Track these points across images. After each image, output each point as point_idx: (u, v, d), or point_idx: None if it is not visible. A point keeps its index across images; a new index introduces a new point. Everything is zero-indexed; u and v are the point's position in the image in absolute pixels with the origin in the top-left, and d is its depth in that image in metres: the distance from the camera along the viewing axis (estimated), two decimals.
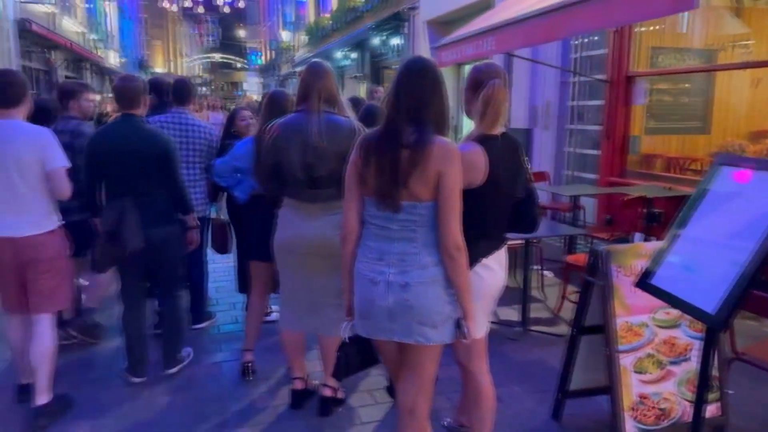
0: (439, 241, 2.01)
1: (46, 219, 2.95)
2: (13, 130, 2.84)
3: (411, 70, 2.06)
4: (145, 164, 3.18)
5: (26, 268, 2.91)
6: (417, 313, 2.02)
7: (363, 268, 2.11)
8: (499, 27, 4.58)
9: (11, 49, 10.89)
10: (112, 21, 25.13)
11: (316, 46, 21.17)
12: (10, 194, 2.83)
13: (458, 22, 11.12)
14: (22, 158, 2.81)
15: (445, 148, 2.00)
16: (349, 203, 2.13)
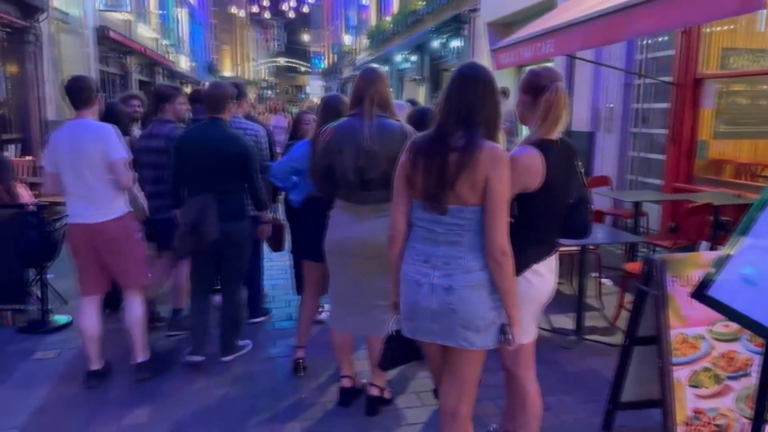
0: (485, 245, 2.01)
1: (112, 207, 3.28)
2: (82, 128, 3.20)
3: (463, 75, 2.07)
4: (226, 164, 3.45)
5: (101, 251, 3.28)
6: (460, 316, 2.03)
7: (409, 270, 2.13)
8: (557, 29, 4.50)
9: (90, 54, 11.58)
10: (183, 27, 26.23)
11: (377, 49, 21.37)
12: (81, 185, 3.19)
13: (519, 23, 10.97)
14: (88, 152, 3.15)
15: (494, 152, 2.00)
16: (397, 205, 2.16)
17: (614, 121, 7.51)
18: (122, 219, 3.32)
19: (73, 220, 3.29)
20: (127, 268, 3.38)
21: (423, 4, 15.33)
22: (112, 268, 3.36)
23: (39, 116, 9.54)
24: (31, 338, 4.13)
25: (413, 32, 16.37)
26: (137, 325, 3.46)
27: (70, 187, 3.23)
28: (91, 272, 3.36)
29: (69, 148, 3.16)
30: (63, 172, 3.20)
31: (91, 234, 3.25)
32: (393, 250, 2.19)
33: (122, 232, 3.32)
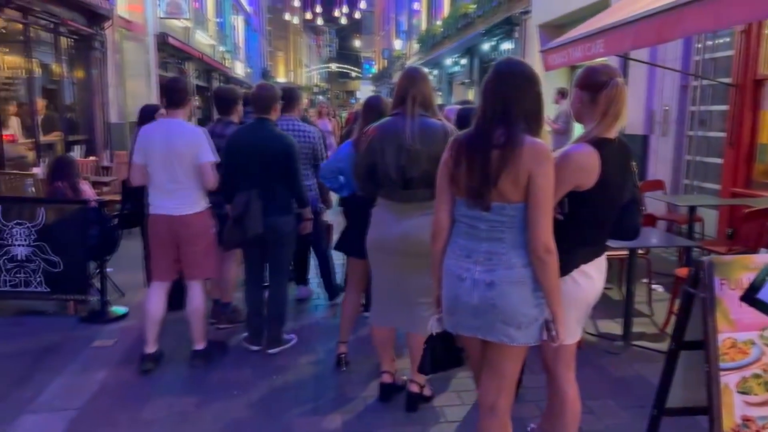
0: (529, 242, 2.00)
1: (195, 203, 3.55)
2: (176, 128, 3.46)
3: (500, 71, 2.07)
4: (272, 162, 3.62)
5: (179, 242, 3.56)
6: (500, 312, 2.03)
7: (451, 265, 2.15)
8: (607, 29, 4.42)
9: (151, 60, 12.10)
10: (239, 33, 27.00)
11: (427, 53, 21.39)
12: (170, 180, 3.46)
13: (571, 24, 10.75)
14: (180, 151, 3.41)
15: (536, 148, 1.98)
16: (440, 202, 2.18)
17: (669, 123, 7.29)
18: (202, 214, 3.59)
19: (155, 211, 3.55)
20: (198, 259, 3.61)
21: (474, 8, 15.26)
22: (184, 258, 3.60)
23: (103, 119, 10.06)
24: (91, 327, 4.36)
25: (463, 35, 16.32)
26: (198, 314, 3.68)
27: (156, 180, 3.49)
28: (165, 260, 3.62)
29: (161, 145, 3.42)
30: (152, 166, 3.47)
31: (171, 224, 3.51)
32: (436, 246, 2.20)
33: (200, 226, 3.58)
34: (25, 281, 4.49)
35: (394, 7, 31.59)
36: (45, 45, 8.78)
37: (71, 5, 8.67)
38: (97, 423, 3.04)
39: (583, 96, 2.29)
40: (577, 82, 2.34)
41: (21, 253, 4.46)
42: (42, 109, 8.64)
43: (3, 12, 7.13)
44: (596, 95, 2.22)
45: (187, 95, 3.57)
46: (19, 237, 4.46)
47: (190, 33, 15.81)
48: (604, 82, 2.21)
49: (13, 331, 4.30)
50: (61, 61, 9.05)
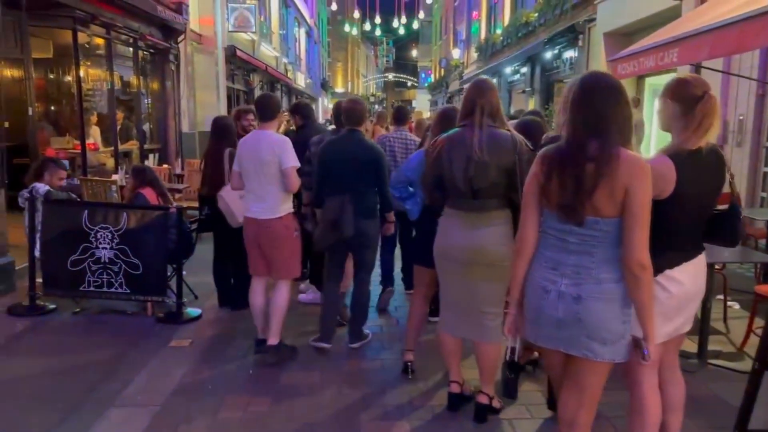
0: (622, 257, 1.98)
1: (279, 207, 3.82)
2: (264, 138, 3.80)
3: (588, 84, 2.05)
4: (362, 169, 3.89)
5: (264, 243, 3.86)
6: (586, 327, 2.02)
7: (536, 276, 2.14)
8: (682, 38, 4.30)
9: (220, 72, 12.59)
10: (301, 45, 27.67)
11: (486, 62, 21.27)
12: (258, 187, 3.80)
13: (639, 33, 10.49)
14: (266, 159, 3.73)
15: (633, 162, 1.96)
16: (527, 216, 2.16)
17: (745, 134, 6.99)
18: (285, 218, 3.85)
19: (247, 214, 3.90)
20: (283, 260, 3.90)
21: (536, 16, 15.10)
22: (270, 258, 3.90)
23: (176, 129, 10.54)
24: (167, 327, 4.58)
25: (524, 44, 16.16)
26: (280, 311, 3.91)
27: (249, 186, 3.85)
28: (258, 258, 3.95)
29: (252, 154, 3.77)
30: (245, 173, 3.83)
31: (257, 228, 3.83)
32: (521, 260, 2.18)
33: (283, 229, 3.85)
34: (107, 282, 4.76)
35: (452, 16, 31.59)
36: (124, 58, 9.31)
37: (149, 20, 9.17)
38: (178, 420, 3.19)
39: (675, 108, 2.29)
40: (669, 94, 2.33)
41: (105, 255, 4.74)
42: (120, 119, 9.15)
43: (89, 28, 7.62)
44: (690, 108, 2.22)
45: (276, 110, 3.92)
46: (103, 240, 4.74)
47: (256, 45, 16.34)
48: (698, 96, 2.21)
49: (97, 328, 4.59)
50: (138, 74, 9.57)
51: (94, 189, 6.77)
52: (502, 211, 2.98)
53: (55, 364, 3.92)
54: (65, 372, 3.80)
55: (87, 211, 4.78)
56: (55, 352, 4.10)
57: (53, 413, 3.26)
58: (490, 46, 20.63)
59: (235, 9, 12.99)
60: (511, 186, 2.91)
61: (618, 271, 2.01)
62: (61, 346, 4.21)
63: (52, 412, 3.27)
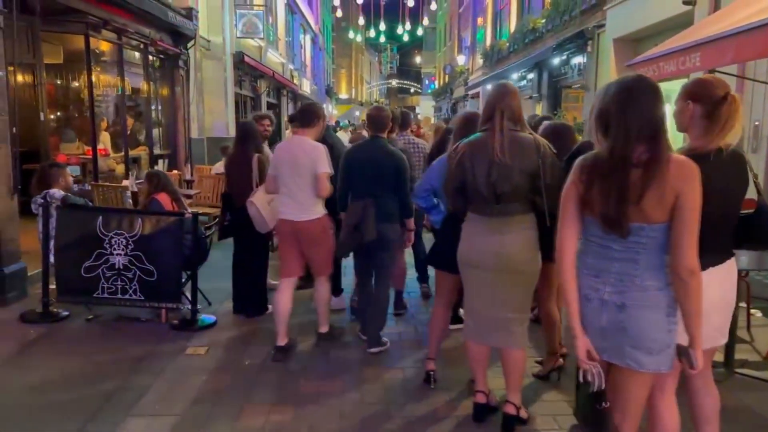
0: (671, 263, 1.93)
1: (313, 210, 4.00)
2: (301, 144, 3.97)
3: (634, 87, 1.98)
4: (385, 175, 4.00)
5: (301, 243, 4.05)
6: (631, 336, 1.96)
7: (580, 284, 2.07)
8: (705, 42, 4.25)
9: (228, 78, 12.58)
10: (307, 52, 27.72)
11: (492, 68, 21.25)
12: (295, 190, 3.96)
13: (650, 38, 10.46)
14: (302, 164, 3.90)
15: (683, 165, 1.91)
16: (566, 227, 2.08)
17: (761, 139, 6.92)
18: (320, 220, 4.04)
19: (283, 216, 4.06)
20: (320, 258, 4.11)
21: (543, 22, 15.08)
22: (308, 257, 4.12)
23: (185, 134, 10.52)
24: (182, 335, 4.52)
25: (531, 50, 16.13)
26: (323, 303, 4.23)
27: (284, 189, 4.01)
28: (291, 258, 4.11)
29: (289, 159, 3.94)
30: (281, 177, 3.99)
31: (293, 228, 4.00)
32: (566, 272, 2.08)
33: (320, 230, 4.04)
34: (122, 289, 4.71)
35: (457, 23, 31.64)
36: (134, 64, 9.30)
37: (160, 26, 9.16)
38: (198, 429, 3.13)
39: (696, 109, 2.24)
40: (690, 95, 2.28)
41: (119, 261, 4.68)
42: (130, 125, 9.13)
43: (101, 33, 7.61)
44: (714, 109, 2.18)
45: (316, 117, 4.08)
46: (117, 246, 4.69)
47: (263, 52, 16.36)
48: (721, 97, 2.17)
49: (112, 335, 4.53)
50: (148, 79, 9.57)
51: (106, 194, 6.74)
52: (526, 216, 2.94)
53: (70, 372, 3.86)
54: (81, 380, 3.74)
55: (101, 217, 4.73)
56: (70, 360, 4.04)
57: (70, 423, 3.20)
58: (495, 52, 20.61)
59: (244, 15, 13.01)
60: (534, 189, 2.87)
61: (663, 278, 1.96)
62: (76, 354, 4.15)
63: (69, 423, 3.21)
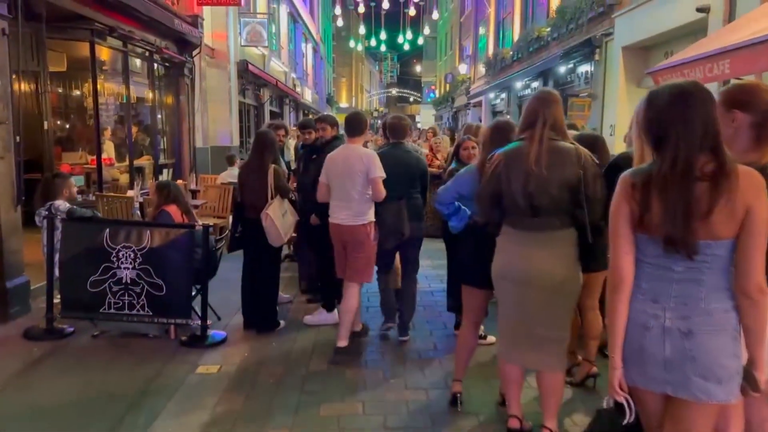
0: (737, 281, 1.78)
1: (364, 215, 4.14)
2: (353, 152, 4.16)
3: (691, 93, 1.82)
4: (412, 177, 4.41)
5: (346, 247, 4.19)
6: (700, 365, 1.79)
7: (632, 311, 1.90)
8: (737, 48, 4.12)
9: (232, 87, 12.46)
10: (308, 61, 27.67)
11: (495, 77, 21.17)
12: (346, 196, 4.13)
13: (660, 46, 10.36)
14: (356, 170, 4.06)
15: (752, 176, 1.76)
16: (620, 246, 1.89)
17: None
18: (367, 226, 4.15)
19: (333, 221, 4.22)
20: (359, 265, 4.18)
21: (548, 30, 14.99)
22: (350, 261, 4.19)
23: (190, 144, 10.37)
24: (192, 351, 4.34)
25: (536, 58, 16.03)
26: (350, 312, 4.20)
27: (336, 195, 4.17)
28: (341, 262, 4.29)
29: (342, 166, 4.11)
30: (333, 184, 4.16)
31: (341, 232, 4.17)
32: (620, 297, 1.90)
33: (365, 235, 4.14)
34: (129, 304, 4.53)
35: (459, 32, 31.64)
36: (139, 72, 9.17)
37: (166, 34, 9.03)
38: None
39: (745, 118, 2.08)
40: (734, 104, 2.11)
41: (126, 276, 4.51)
42: (135, 134, 8.98)
43: (106, 40, 7.47)
44: (765, 119, 2.03)
45: (363, 127, 4.30)
46: (125, 260, 4.51)
47: (266, 60, 16.26)
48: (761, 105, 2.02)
49: (119, 353, 4.34)
50: (153, 88, 9.42)
51: (110, 205, 6.57)
52: (566, 230, 2.79)
53: (78, 393, 3.67)
54: (89, 402, 3.56)
55: (109, 229, 4.56)
56: (77, 380, 3.85)
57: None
58: (498, 60, 20.53)
59: (248, 23, 12.91)
60: (575, 203, 2.72)
61: (728, 300, 1.80)
62: (82, 373, 3.96)
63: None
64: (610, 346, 1.93)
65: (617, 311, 1.90)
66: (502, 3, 21.71)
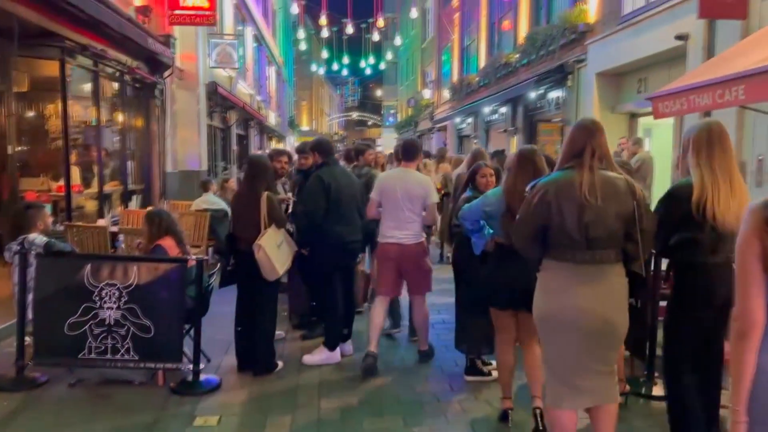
0: None
1: (417, 235, 4.49)
2: (411, 176, 4.49)
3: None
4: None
5: (406, 264, 4.47)
6: None
7: (765, 360, 1.69)
8: (751, 74, 4.06)
9: (201, 109, 12.00)
10: (272, 84, 27.29)
11: (461, 102, 21.32)
12: (401, 216, 4.38)
13: (634, 73, 10.52)
14: (414, 193, 4.39)
15: None
16: (751, 286, 1.70)
17: (764, 174, 6.85)
18: (421, 243, 4.54)
19: (388, 240, 4.45)
20: (419, 278, 4.55)
21: (517, 57, 15.15)
22: (410, 277, 4.57)
23: (160, 168, 9.85)
24: (185, 400, 3.93)
25: (504, 84, 16.17)
26: (424, 321, 4.65)
27: (392, 215, 4.41)
28: (389, 280, 4.53)
29: (400, 189, 4.37)
30: (388, 204, 4.41)
31: (400, 251, 4.41)
32: (746, 345, 1.70)
33: (421, 252, 4.53)
34: (112, 348, 4.07)
35: (421, 57, 31.92)
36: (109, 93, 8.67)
37: (137, 53, 8.60)
38: None
39: None
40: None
41: (110, 316, 4.06)
42: (105, 158, 8.44)
43: (76, 59, 7.00)
44: None
45: (418, 152, 4.66)
46: (108, 299, 4.07)
47: (233, 82, 15.85)
48: None
49: (102, 405, 3.85)
50: (123, 109, 8.93)
51: (81, 236, 6.05)
52: (619, 264, 2.67)
53: None
54: None
55: (90, 265, 4.11)
56: None
57: None
58: (465, 86, 20.69)
59: (217, 44, 12.52)
60: (628, 236, 2.64)
61: None
62: (61, 430, 3.49)
63: None
64: (734, 398, 1.71)
65: (746, 361, 1.69)
66: (466, 30, 22.01)
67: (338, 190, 4.46)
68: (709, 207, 2.71)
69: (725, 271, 2.68)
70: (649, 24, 9.26)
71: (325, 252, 4.49)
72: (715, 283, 2.77)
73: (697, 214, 2.72)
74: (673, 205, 2.87)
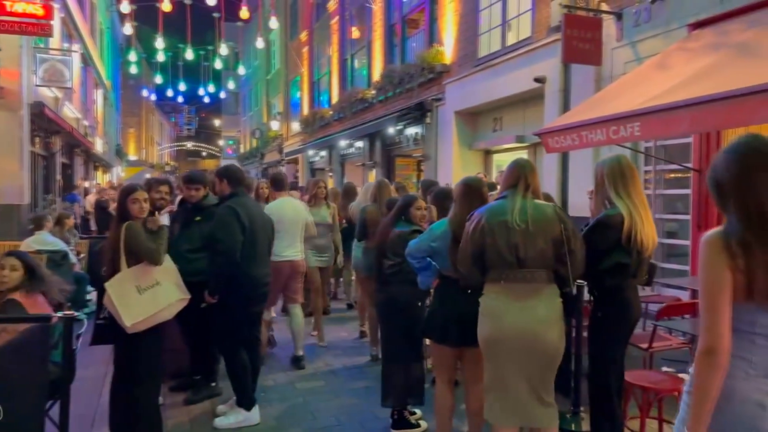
0: None
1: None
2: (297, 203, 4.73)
3: None
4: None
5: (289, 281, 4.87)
6: None
7: (743, 388, 1.70)
8: (651, 112, 4.31)
9: (24, 133, 10.21)
10: (98, 108, 24.69)
11: (313, 135, 21.13)
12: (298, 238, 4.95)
13: (491, 112, 11.16)
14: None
15: None
16: (719, 314, 1.69)
17: None
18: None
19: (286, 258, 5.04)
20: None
21: (373, 93, 15.38)
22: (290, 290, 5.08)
23: None
24: None
25: (359, 119, 16.31)
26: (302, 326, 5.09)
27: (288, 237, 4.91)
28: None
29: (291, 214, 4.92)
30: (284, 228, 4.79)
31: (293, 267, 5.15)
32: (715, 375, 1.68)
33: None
34: None
35: (266, 89, 31.31)
36: None
37: None
38: None
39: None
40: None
41: None
42: None
43: None
44: None
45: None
46: None
47: (59, 104, 13.91)
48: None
49: None
50: None
51: None
52: (552, 285, 2.86)
53: None
54: None
55: None
56: None
57: None
58: (317, 119, 20.55)
59: (45, 60, 10.82)
60: (558, 257, 2.82)
61: None
62: None
63: None
64: (694, 419, 1.69)
65: (714, 380, 1.68)
66: (316, 63, 22.02)
67: (253, 225, 3.84)
68: (638, 234, 3.04)
69: (637, 293, 3.27)
70: (506, 67, 9.88)
71: (240, 300, 3.81)
72: (632, 304, 3.22)
73: (626, 241, 3.03)
74: (606, 233, 3.10)
